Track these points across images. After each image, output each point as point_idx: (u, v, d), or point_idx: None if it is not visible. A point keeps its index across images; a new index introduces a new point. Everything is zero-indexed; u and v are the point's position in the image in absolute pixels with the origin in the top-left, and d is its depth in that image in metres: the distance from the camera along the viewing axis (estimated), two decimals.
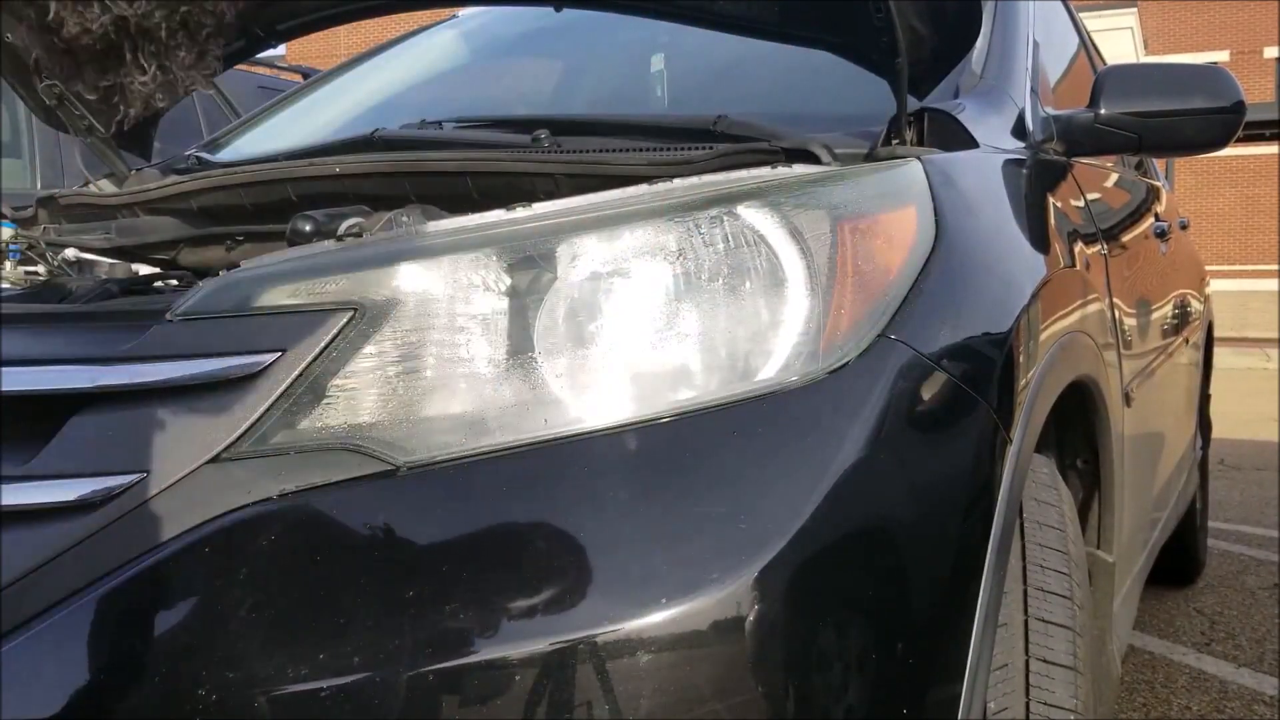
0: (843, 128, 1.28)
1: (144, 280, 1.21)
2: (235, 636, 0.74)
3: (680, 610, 0.74)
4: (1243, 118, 1.66)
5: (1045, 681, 1.09)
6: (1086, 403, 1.45)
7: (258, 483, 0.80)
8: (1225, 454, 5.90)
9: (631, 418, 0.84)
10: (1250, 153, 20.58)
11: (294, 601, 0.76)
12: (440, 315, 0.85)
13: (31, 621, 0.76)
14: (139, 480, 0.80)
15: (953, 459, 0.96)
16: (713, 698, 0.74)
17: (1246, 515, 4.60)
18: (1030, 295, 1.18)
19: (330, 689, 0.71)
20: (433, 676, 0.72)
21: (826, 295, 0.91)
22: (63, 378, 0.85)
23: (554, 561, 0.77)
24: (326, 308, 0.85)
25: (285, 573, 0.78)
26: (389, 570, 0.78)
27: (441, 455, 0.82)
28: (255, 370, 0.82)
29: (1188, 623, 3.16)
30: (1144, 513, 2.12)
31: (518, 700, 0.72)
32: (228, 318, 0.85)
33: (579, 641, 0.73)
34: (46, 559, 0.78)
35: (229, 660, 0.73)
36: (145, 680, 0.74)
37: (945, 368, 0.96)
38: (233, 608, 0.75)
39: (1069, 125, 1.66)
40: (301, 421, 0.82)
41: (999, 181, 1.33)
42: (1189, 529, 3.30)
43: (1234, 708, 2.51)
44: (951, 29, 1.51)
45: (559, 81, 2.17)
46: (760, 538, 0.78)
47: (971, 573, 0.93)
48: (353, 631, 0.74)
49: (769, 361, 0.88)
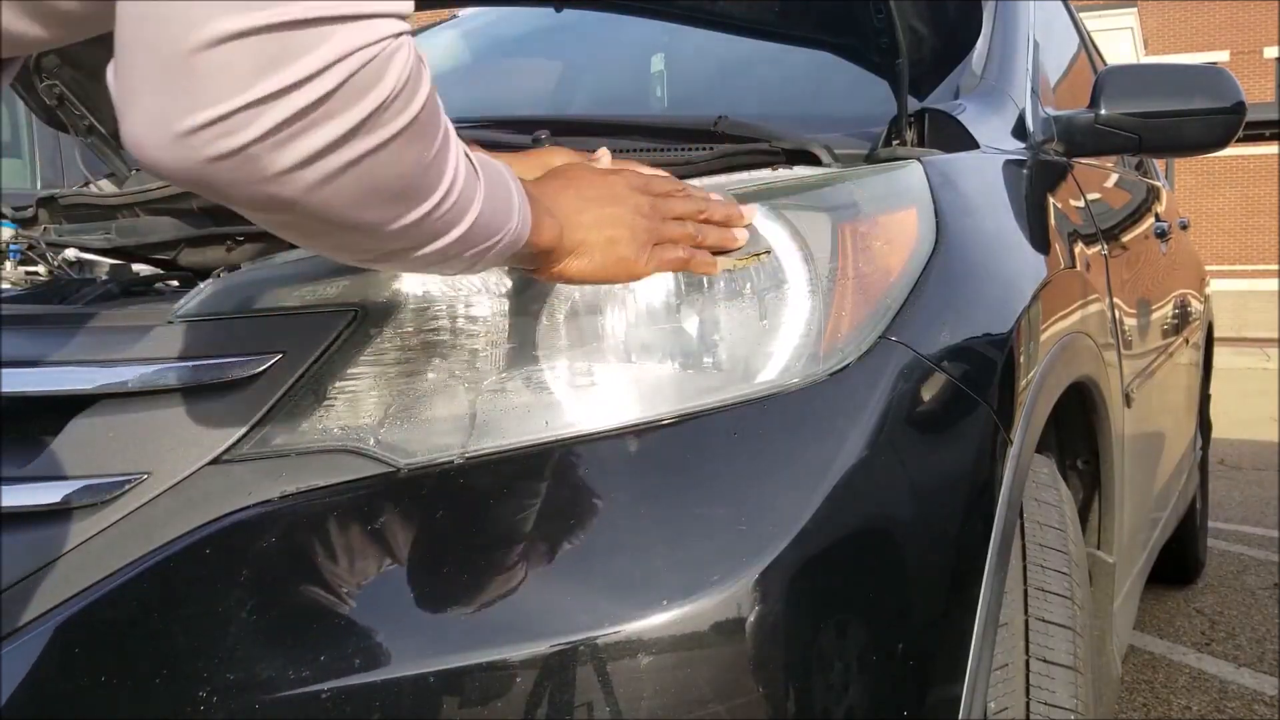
0: (843, 128, 1.28)
1: (145, 281, 1.21)
2: (236, 638, 0.74)
3: (681, 612, 0.74)
4: (1243, 118, 1.66)
5: (1045, 681, 1.09)
6: (1087, 403, 1.45)
7: (259, 484, 0.80)
8: (1225, 454, 5.90)
9: (632, 420, 0.84)
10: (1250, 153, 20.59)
11: (295, 603, 0.76)
12: (441, 317, 0.85)
13: (32, 623, 0.76)
14: (140, 482, 0.80)
15: (953, 460, 0.96)
16: (714, 699, 0.74)
17: (1246, 515, 4.60)
18: (1031, 296, 1.18)
19: (331, 690, 0.71)
20: (434, 678, 0.72)
21: (827, 297, 0.91)
22: (64, 379, 0.85)
23: (555, 563, 0.77)
24: (328, 309, 0.85)
25: (286, 574, 0.78)
26: (390, 572, 0.78)
27: (442, 457, 0.82)
28: (256, 372, 0.83)
29: (1188, 623, 3.16)
30: (1144, 513, 2.12)
31: (518, 701, 0.72)
32: (229, 319, 0.85)
33: (580, 643, 0.73)
34: (47, 560, 0.78)
35: (230, 662, 0.73)
36: (146, 681, 0.74)
37: (946, 369, 0.96)
38: (234, 609, 0.75)
39: (1069, 126, 1.66)
40: (303, 423, 0.83)
41: (999, 182, 1.33)
42: (1189, 529, 3.31)
43: (1234, 708, 2.51)
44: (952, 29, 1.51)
45: (559, 81, 2.18)
46: (761, 539, 0.78)
47: (972, 573, 0.93)
48: (354, 633, 0.74)
49: (770, 363, 0.88)
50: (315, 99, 0.52)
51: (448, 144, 0.62)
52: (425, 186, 0.62)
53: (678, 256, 0.87)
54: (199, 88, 0.50)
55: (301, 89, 0.51)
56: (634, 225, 0.85)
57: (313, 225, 0.60)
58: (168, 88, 0.50)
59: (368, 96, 0.54)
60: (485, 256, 0.72)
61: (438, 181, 0.62)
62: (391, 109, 0.55)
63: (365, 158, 0.56)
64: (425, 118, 0.58)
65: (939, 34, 1.40)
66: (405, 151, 0.58)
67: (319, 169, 0.54)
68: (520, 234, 0.74)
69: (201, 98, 0.50)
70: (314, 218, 0.58)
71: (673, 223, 0.88)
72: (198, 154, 0.52)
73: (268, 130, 0.52)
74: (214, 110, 0.50)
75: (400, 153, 0.58)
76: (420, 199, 0.62)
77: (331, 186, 0.56)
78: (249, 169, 0.53)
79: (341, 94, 0.53)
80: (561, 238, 0.80)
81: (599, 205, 0.84)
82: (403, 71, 0.55)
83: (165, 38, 0.49)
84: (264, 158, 0.53)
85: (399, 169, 0.58)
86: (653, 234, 0.86)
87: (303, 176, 0.54)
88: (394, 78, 0.55)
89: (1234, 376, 8.98)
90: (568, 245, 0.81)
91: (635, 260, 0.85)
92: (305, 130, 0.53)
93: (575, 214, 0.82)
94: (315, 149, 0.54)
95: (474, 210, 0.66)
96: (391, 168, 0.58)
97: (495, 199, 0.69)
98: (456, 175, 0.64)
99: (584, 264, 0.82)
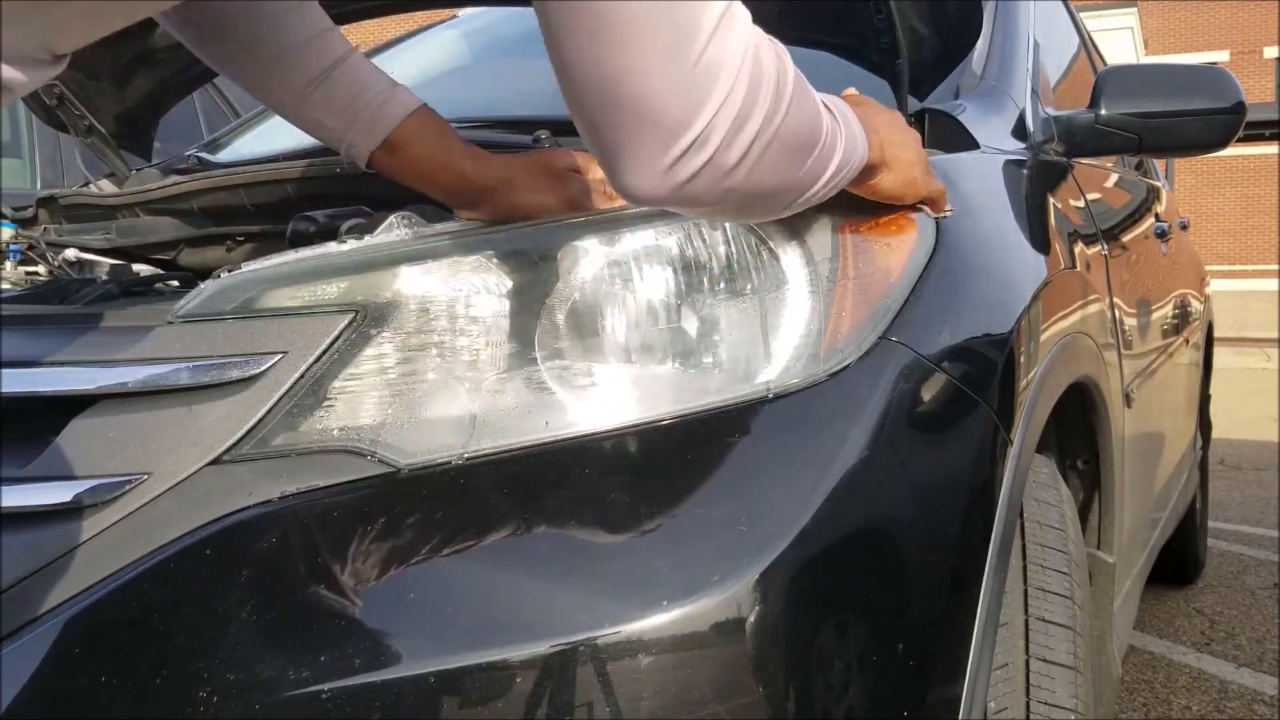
0: None
1: (145, 281, 1.21)
2: (236, 638, 0.74)
3: (681, 612, 0.74)
4: (1243, 118, 1.66)
5: (1045, 681, 1.09)
6: (1087, 403, 1.45)
7: (259, 484, 0.80)
8: (1225, 454, 5.90)
9: (632, 420, 0.84)
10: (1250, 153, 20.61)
11: (295, 603, 0.76)
12: (442, 317, 0.85)
13: (32, 623, 0.76)
14: (140, 482, 0.80)
15: (954, 460, 0.96)
16: (714, 699, 0.74)
17: (1246, 515, 4.60)
18: (1031, 296, 1.18)
19: (331, 691, 0.71)
20: (434, 678, 0.72)
21: (827, 297, 0.91)
22: (64, 379, 0.85)
23: (555, 563, 0.77)
24: (328, 310, 0.85)
25: (286, 574, 0.78)
26: (390, 572, 0.78)
27: (442, 457, 0.82)
28: (256, 372, 0.82)
29: (1188, 623, 3.16)
30: (1144, 513, 2.12)
31: (518, 701, 0.72)
32: (229, 319, 0.85)
33: (580, 643, 0.73)
34: (47, 561, 0.78)
35: (230, 662, 0.73)
36: (146, 681, 0.73)
37: (946, 369, 0.97)
38: (234, 609, 0.75)
39: (1069, 126, 1.66)
40: (303, 423, 0.83)
41: (999, 182, 1.33)
42: (1189, 529, 3.31)
43: (1234, 708, 2.51)
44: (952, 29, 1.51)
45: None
46: (761, 540, 0.78)
47: (972, 573, 0.93)
48: (354, 633, 0.74)
49: (770, 364, 0.88)
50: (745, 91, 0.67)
51: (813, 98, 0.77)
52: (815, 135, 0.77)
53: (941, 187, 1.03)
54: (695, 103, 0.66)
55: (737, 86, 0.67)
56: (919, 151, 1.00)
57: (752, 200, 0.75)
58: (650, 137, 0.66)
59: (764, 85, 0.69)
60: (846, 178, 0.86)
61: (820, 129, 0.78)
62: (779, 87, 0.70)
63: (779, 130, 0.71)
64: (797, 84, 0.73)
65: (939, 34, 1.40)
66: (799, 114, 0.73)
67: (755, 151, 0.70)
68: (865, 152, 0.88)
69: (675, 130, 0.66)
70: (755, 193, 0.74)
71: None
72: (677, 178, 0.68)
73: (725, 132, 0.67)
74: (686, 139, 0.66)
75: (796, 116, 0.73)
76: (814, 146, 0.77)
77: (763, 162, 0.71)
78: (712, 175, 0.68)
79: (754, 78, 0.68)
80: (882, 153, 0.93)
81: (895, 131, 0.96)
82: (770, 50, 0.70)
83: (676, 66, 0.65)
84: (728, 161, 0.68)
85: (798, 128, 0.74)
86: (923, 163, 1.00)
87: (748, 161, 0.70)
88: (770, 57, 0.70)
89: (1234, 376, 8.99)
90: (885, 160, 0.94)
91: (919, 182, 0.99)
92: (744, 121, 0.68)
93: (886, 133, 0.94)
94: (752, 135, 0.69)
95: (842, 142, 0.82)
96: (794, 129, 0.73)
97: (850, 126, 0.85)
98: (828, 120, 0.79)
99: (892, 180, 0.96)
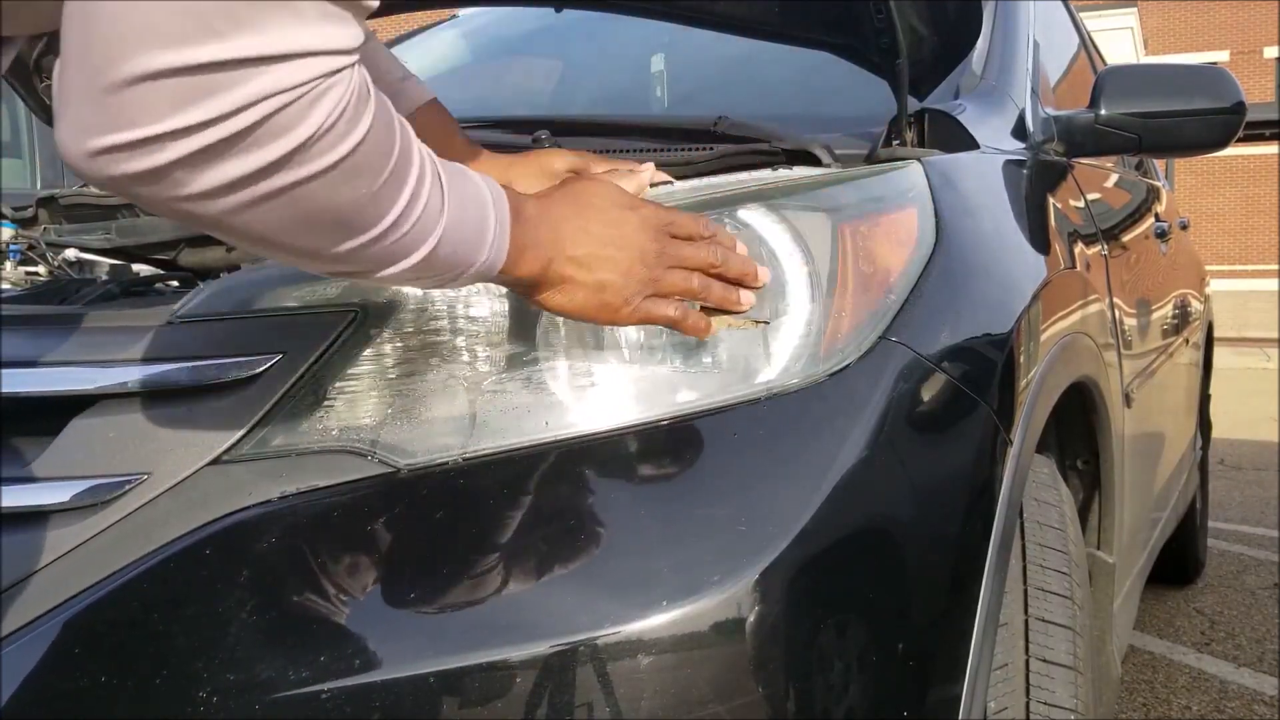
0: (843, 128, 1.28)
1: (145, 281, 1.21)
2: (236, 638, 0.74)
3: (681, 612, 0.74)
4: (1243, 118, 1.66)
5: (1045, 681, 1.09)
6: (1087, 403, 1.45)
7: (259, 485, 0.80)
8: (1225, 454, 5.90)
9: (632, 420, 0.84)
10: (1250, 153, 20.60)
11: (295, 603, 0.76)
12: (441, 317, 0.85)
13: (32, 623, 0.76)
14: (140, 482, 0.80)
15: (953, 460, 0.96)
16: (713, 699, 0.74)
17: (1246, 515, 4.60)
18: (1031, 296, 1.18)
19: (331, 691, 0.71)
20: (434, 678, 0.72)
21: (827, 297, 0.91)
22: (64, 379, 0.85)
23: (554, 564, 0.77)
24: (328, 309, 0.85)
25: (286, 574, 0.78)
26: (390, 572, 0.78)
27: (442, 457, 0.82)
28: (256, 372, 0.83)
29: (1188, 623, 3.16)
30: (1144, 513, 2.12)
31: (518, 701, 0.72)
32: (229, 319, 0.86)
33: (580, 643, 0.73)
34: (48, 561, 0.78)
35: (230, 662, 0.73)
36: (146, 682, 0.73)
37: (946, 369, 0.97)
38: (234, 609, 0.75)
39: (1069, 126, 1.66)
40: (303, 424, 0.83)
41: (999, 182, 1.33)
42: (1189, 529, 3.31)
43: (1234, 708, 2.51)
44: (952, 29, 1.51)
45: (559, 81, 2.18)
46: (761, 539, 0.78)
47: (972, 573, 0.93)
48: (354, 633, 0.74)
49: (770, 364, 0.88)
50: (229, 135, 0.53)
51: (401, 176, 0.62)
52: (367, 218, 0.61)
53: (667, 315, 0.82)
54: (116, 114, 0.52)
55: (215, 126, 0.52)
56: (630, 272, 0.80)
57: (250, 242, 0.60)
58: (90, 106, 0.52)
59: (287, 136, 0.54)
60: (456, 280, 0.72)
61: (381, 214, 0.62)
62: (316, 147, 0.56)
63: (289, 190, 0.56)
64: (364, 153, 0.58)
65: (939, 34, 1.40)
66: (339, 186, 0.58)
67: (239, 196, 0.56)
68: (492, 264, 0.73)
69: (118, 121, 0.52)
70: (245, 237, 0.59)
71: (677, 272, 0.83)
72: (109, 170, 0.54)
73: (179, 158, 0.53)
74: (127, 135, 0.52)
75: (332, 187, 0.58)
76: (361, 229, 0.62)
77: (255, 212, 0.57)
78: (161, 188, 0.55)
79: (258, 132, 0.53)
80: (547, 270, 0.77)
81: (600, 244, 0.79)
82: (332, 111, 0.55)
83: (94, 63, 0.51)
84: (178, 181, 0.54)
85: (331, 201, 0.59)
86: (649, 284, 0.81)
87: (222, 201, 0.56)
88: (320, 118, 0.55)
89: (1234, 376, 8.98)
90: (552, 278, 0.78)
91: (620, 308, 0.80)
92: (219, 161, 0.54)
93: (570, 247, 0.78)
94: (231, 178, 0.55)
95: (430, 242, 0.66)
96: (322, 200, 0.58)
97: (462, 229, 0.69)
98: (410, 207, 0.63)
99: (564, 300, 0.79)
